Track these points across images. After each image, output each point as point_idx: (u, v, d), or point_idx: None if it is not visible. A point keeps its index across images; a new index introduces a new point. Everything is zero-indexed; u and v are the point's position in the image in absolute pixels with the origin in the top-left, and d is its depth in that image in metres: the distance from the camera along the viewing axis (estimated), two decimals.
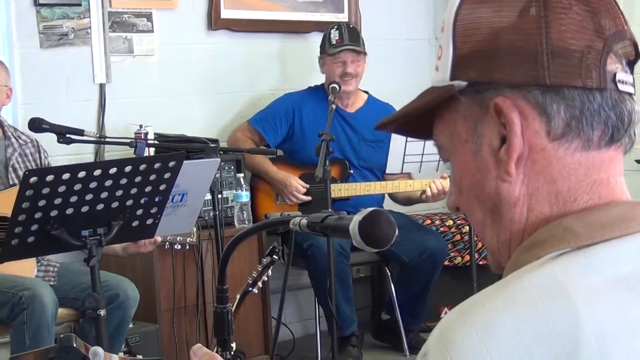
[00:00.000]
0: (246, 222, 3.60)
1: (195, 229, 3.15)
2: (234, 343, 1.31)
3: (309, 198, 3.83)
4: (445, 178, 3.54)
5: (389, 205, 3.88)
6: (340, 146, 3.85)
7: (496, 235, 0.78)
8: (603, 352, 0.66)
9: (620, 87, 0.74)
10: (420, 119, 0.81)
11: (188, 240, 3.05)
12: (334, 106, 3.41)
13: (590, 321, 0.67)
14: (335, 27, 3.75)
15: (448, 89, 0.76)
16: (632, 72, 0.77)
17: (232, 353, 1.27)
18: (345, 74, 3.73)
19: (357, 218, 1.06)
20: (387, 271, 3.83)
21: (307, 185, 3.77)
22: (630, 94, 0.75)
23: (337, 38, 3.69)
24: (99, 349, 1.00)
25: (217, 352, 1.21)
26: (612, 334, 0.67)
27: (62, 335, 1.00)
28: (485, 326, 0.68)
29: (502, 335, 0.67)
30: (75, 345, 0.95)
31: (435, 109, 0.79)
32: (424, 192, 3.56)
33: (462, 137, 0.78)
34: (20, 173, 3.06)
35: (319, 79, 3.87)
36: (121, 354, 0.95)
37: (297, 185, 3.73)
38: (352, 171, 3.79)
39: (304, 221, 1.16)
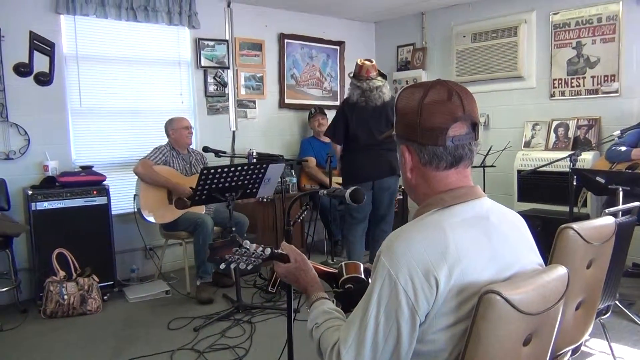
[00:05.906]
0: (294, 190, 4.44)
1: (271, 194, 3.66)
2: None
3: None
4: None
5: None
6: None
7: (414, 198, 1.12)
8: (458, 253, 0.95)
9: (455, 142, 1.02)
10: None
11: (267, 197, 3.85)
12: None
13: (453, 239, 0.96)
14: None
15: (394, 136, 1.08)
16: (476, 131, 1.06)
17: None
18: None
19: (348, 190, 1.44)
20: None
21: None
22: (463, 144, 1.05)
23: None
24: (248, 241, 1.14)
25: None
26: (462, 245, 0.96)
27: (231, 235, 1.31)
28: (408, 240, 0.96)
29: (415, 245, 0.96)
30: (237, 239, 1.16)
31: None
32: None
33: (399, 156, 1.10)
34: (198, 168, 3.97)
35: None
36: (254, 244, 1.13)
37: None
38: None
39: (325, 192, 1.59)
